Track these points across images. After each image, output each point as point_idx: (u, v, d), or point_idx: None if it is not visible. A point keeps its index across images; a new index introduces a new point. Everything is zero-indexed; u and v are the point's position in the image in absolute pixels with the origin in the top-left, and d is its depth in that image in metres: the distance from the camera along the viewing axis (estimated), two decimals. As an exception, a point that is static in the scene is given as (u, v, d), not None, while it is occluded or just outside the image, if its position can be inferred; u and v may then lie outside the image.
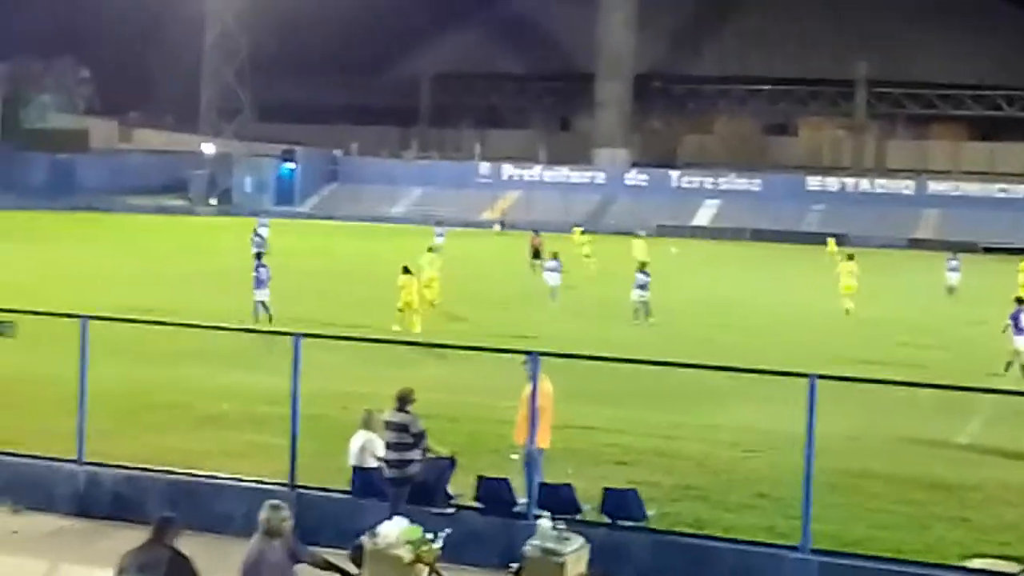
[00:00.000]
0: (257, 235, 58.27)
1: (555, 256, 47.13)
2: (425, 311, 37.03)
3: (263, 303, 35.88)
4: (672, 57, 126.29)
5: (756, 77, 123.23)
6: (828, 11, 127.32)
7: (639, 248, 60.25)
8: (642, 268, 41.20)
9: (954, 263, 53.34)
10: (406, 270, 36.50)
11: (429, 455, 15.43)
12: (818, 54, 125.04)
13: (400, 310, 35.30)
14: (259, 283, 36.45)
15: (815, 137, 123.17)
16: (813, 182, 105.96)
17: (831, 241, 75.33)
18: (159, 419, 21.50)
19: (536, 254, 58.57)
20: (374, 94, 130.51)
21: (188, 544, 11.15)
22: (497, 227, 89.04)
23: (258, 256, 38.60)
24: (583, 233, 65.67)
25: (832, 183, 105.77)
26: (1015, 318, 30.89)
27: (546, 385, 16.16)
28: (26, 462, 17.10)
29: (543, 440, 16.32)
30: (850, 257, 47.10)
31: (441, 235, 67.77)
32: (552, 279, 45.89)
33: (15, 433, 19.14)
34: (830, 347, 34.42)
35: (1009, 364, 30.54)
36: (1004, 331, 31.25)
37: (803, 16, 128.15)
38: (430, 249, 45.45)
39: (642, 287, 40.33)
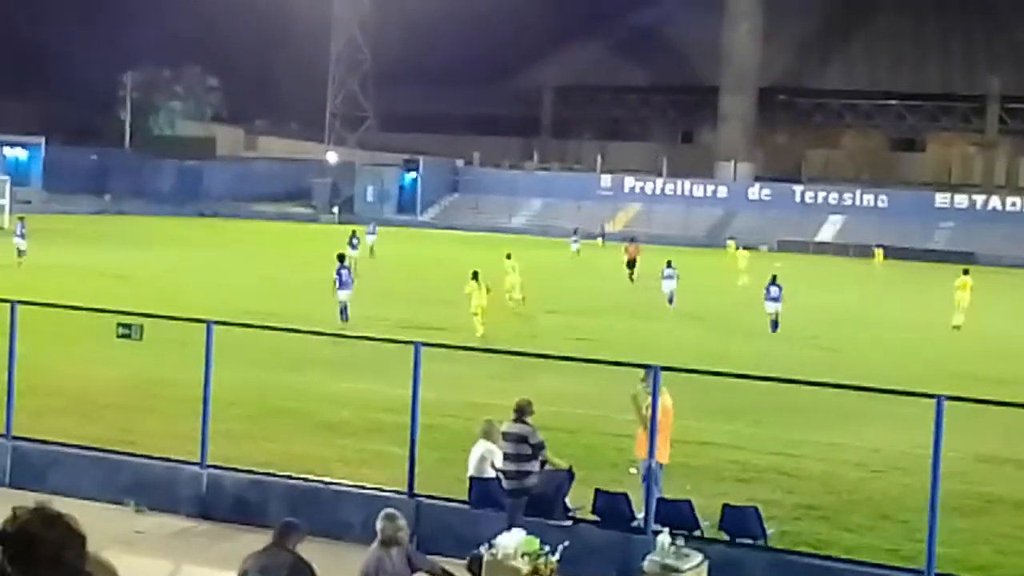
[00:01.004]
0: (354, 240, 57.75)
1: (669, 263, 47.19)
2: (511, 315, 38.04)
3: (345, 305, 36.49)
4: (798, 69, 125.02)
5: (884, 91, 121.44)
6: (960, 25, 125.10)
7: (742, 260, 60.83)
8: (774, 280, 40.87)
9: None
10: (474, 276, 37.01)
11: (547, 467, 15.36)
12: (948, 68, 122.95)
13: (474, 314, 35.97)
14: (342, 284, 37.10)
15: (944, 153, 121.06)
16: (941, 199, 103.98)
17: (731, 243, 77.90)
18: (280, 424, 21.72)
19: (631, 264, 58.75)
20: (496, 104, 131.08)
21: (308, 549, 11.21)
22: (600, 240, 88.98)
23: (340, 258, 38.87)
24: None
25: (961, 200, 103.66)
26: None
27: (666, 400, 16.01)
28: (150, 463, 17.36)
29: (662, 455, 16.17)
30: (965, 272, 47.19)
31: (576, 243, 70.48)
32: (668, 286, 46.41)
33: (140, 434, 19.49)
34: (956, 365, 33.77)
35: None
36: None
37: (934, 29, 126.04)
38: (509, 256, 46.21)
39: (774, 299, 40.27)
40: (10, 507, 3.87)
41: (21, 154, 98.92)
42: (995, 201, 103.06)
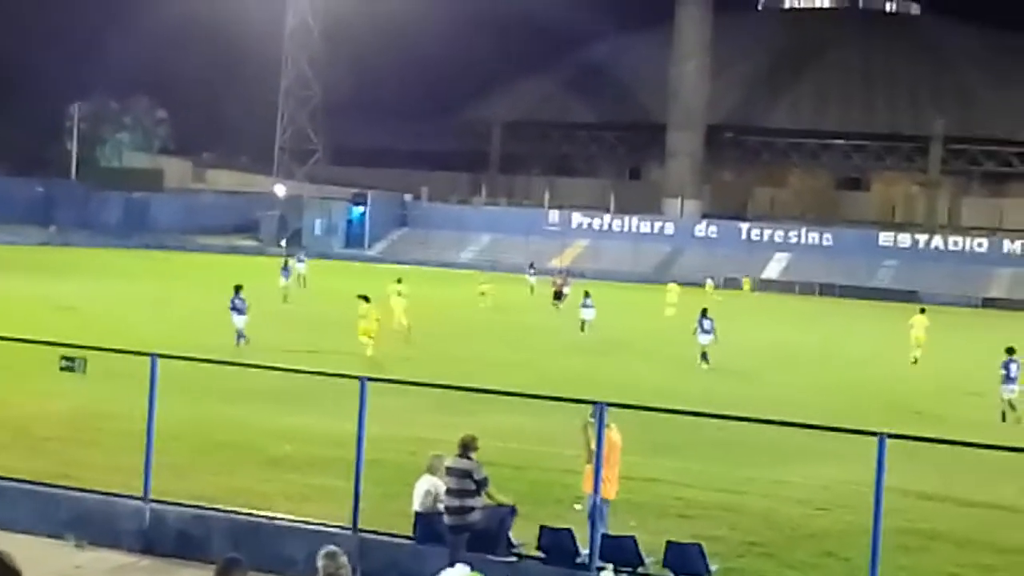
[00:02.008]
0: (286, 270, 60.65)
1: (587, 294, 51.94)
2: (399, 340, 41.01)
3: (241, 331, 38.42)
4: (745, 108, 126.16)
5: (830, 131, 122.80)
6: (905, 67, 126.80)
7: (673, 294, 63.03)
8: (705, 314, 41.60)
9: None
10: (365, 299, 39.05)
11: (488, 502, 15.33)
12: (893, 109, 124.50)
13: (363, 335, 38.11)
14: (236, 311, 39.12)
15: (888, 193, 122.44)
16: (885, 238, 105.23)
17: (708, 284, 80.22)
18: (224, 458, 21.57)
19: (557, 295, 61.95)
20: (445, 140, 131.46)
21: (250, 585, 11.11)
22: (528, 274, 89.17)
23: (236, 289, 39.94)
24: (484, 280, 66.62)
25: (904, 239, 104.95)
26: (1006, 367, 32.72)
27: (613, 435, 16.04)
28: (92, 497, 17.17)
29: (609, 491, 16.19)
30: (922, 310, 48.65)
31: (533, 275, 73.85)
32: (587, 314, 50.93)
33: (83, 468, 19.28)
34: (902, 402, 34.07)
35: (1004, 414, 32.14)
36: (1001, 381, 32.78)
37: (879, 70, 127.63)
38: (399, 280, 48.85)
39: (706, 332, 40.98)
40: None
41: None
42: (937, 240, 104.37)
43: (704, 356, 40.84)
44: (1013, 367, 32.75)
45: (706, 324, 41.26)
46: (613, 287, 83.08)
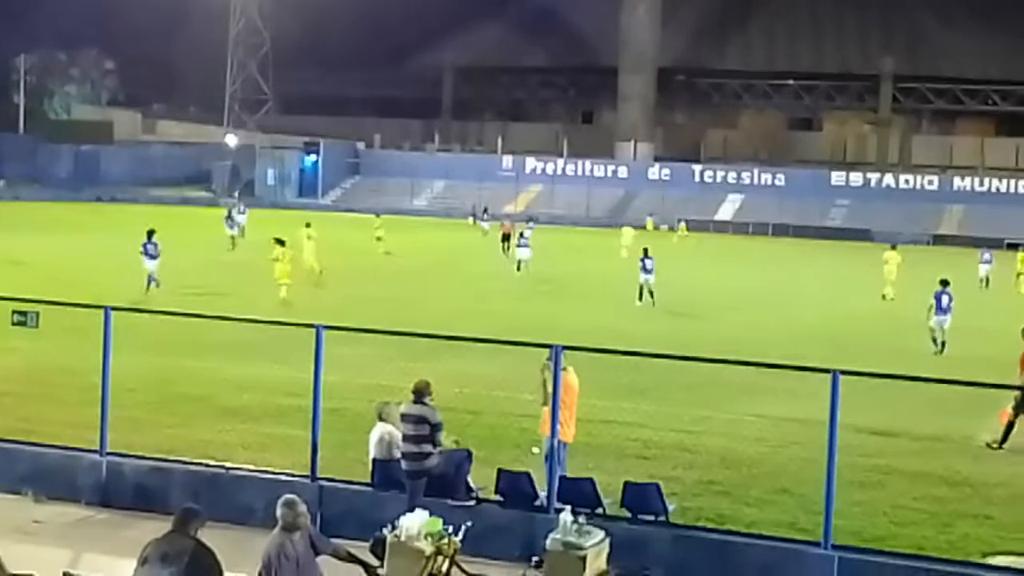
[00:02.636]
0: (230, 218, 61.63)
1: (522, 234, 55.41)
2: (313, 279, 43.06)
3: (152, 275, 39.49)
4: (696, 51, 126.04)
5: (781, 72, 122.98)
6: (854, 6, 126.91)
7: (627, 237, 64.05)
8: (646, 253, 43.09)
9: (987, 256, 57.19)
10: (280, 242, 40.49)
11: (441, 448, 15.40)
12: (843, 49, 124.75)
13: (278, 279, 39.19)
14: (148, 256, 40.00)
15: (839, 132, 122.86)
16: (837, 177, 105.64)
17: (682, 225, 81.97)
18: (181, 410, 21.54)
19: (505, 238, 63.20)
20: (397, 86, 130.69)
21: (210, 535, 11.14)
22: (471, 219, 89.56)
23: (149, 234, 40.52)
24: (378, 216, 67.35)
25: (856, 178, 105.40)
26: (937, 299, 33.76)
27: (570, 377, 16.13)
28: (49, 452, 17.14)
29: (567, 434, 16.28)
30: (893, 247, 51.34)
31: (487, 220, 74.47)
32: (522, 253, 53.87)
33: (38, 423, 19.22)
34: (861, 338, 34.43)
35: (936, 341, 33.42)
36: (928, 312, 33.91)
37: (828, 11, 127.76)
38: (308, 225, 48.91)
39: (648, 271, 42.48)
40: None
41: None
42: (889, 179, 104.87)
43: (648, 293, 42.31)
44: (944, 298, 33.75)
45: (648, 263, 42.61)
46: (568, 231, 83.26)
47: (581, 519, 13.52)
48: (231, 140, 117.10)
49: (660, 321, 37.72)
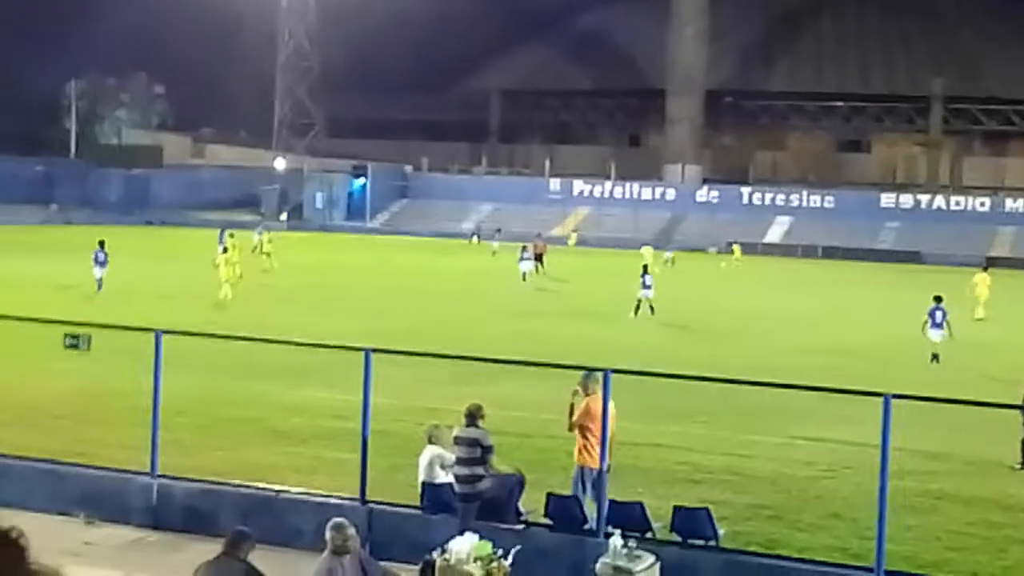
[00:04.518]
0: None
1: (524, 248, 60.24)
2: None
3: (100, 279, 45.40)
4: (744, 73, 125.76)
5: (830, 93, 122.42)
6: (904, 27, 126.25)
7: (647, 256, 64.11)
8: (646, 271, 45.72)
9: None
10: (224, 250, 47.10)
11: (492, 471, 15.35)
12: (893, 70, 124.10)
13: (226, 281, 43.61)
14: (99, 263, 46.00)
15: (889, 154, 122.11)
16: (887, 199, 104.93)
17: (736, 248, 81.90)
18: (231, 433, 21.62)
19: (538, 258, 63.84)
20: (444, 110, 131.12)
21: (259, 558, 11.17)
22: (475, 239, 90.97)
23: (101, 244, 46.44)
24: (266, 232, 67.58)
25: (906, 200, 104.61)
26: (931, 315, 35.62)
27: (594, 404, 15.83)
28: (100, 474, 17.24)
29: (592, 460, 15.93)
30: (984, 269, 51.93)
31: (496, 241, 73.16)
32: (525, 266, 58.73)
33: (91, 445, 19.35)
34: (912, 367, 34.09)
35: (934, 356, 34.77)
36: (923, 327, 35.67)
37: (879, 32, 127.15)
38: (231, 235, 54.48)
39: (647, 287, 44.88)
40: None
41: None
42: (940, 200, 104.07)
43: (649, 308, 44.43)
44: (938, 314, 35.57)
45: (647, 280, 45.06)
46: (615, 254, 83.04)
47: (631, 543, 13.46)
48: (280, 164, 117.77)
49: (706, 344, 37.52)
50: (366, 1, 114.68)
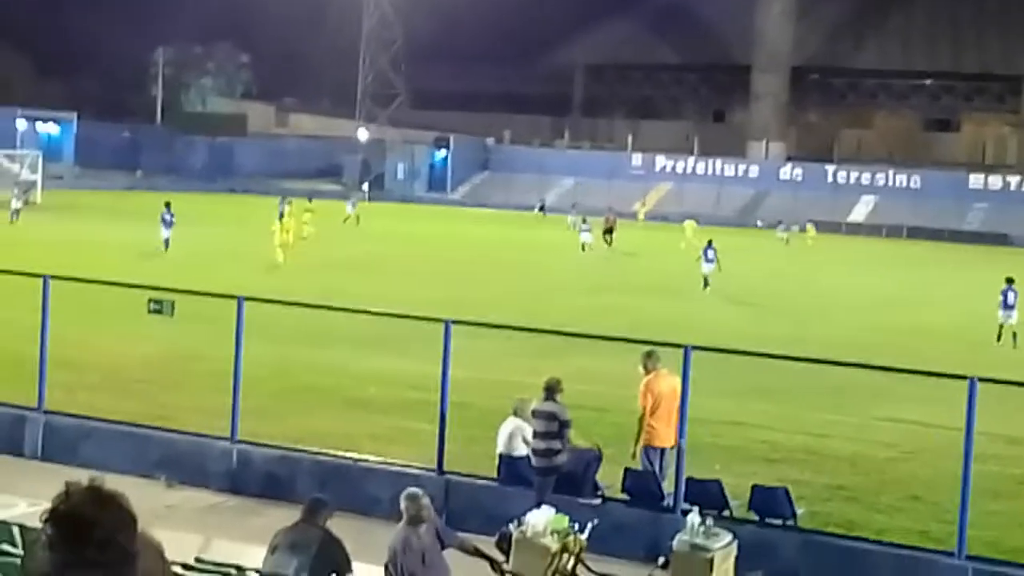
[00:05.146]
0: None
1: (584, 220, 62.40)
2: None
3: (167, 239, 48.44)
4: (831, 49, 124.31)
5: (918, 71, 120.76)
6: (995, 5, 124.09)
7: (689, 231, 66.44)
8: (710, 244, 46.52)
9: None
10: (280, 216, 51.02)
11: (569, 445, 15.33)
12: (984, 48, 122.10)
13: (278, 246, 46.73)
14: (165, 224, 48.83)
15: (978, 134, 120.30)
16: (975, 180, 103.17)
17: (810, 227, 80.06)
18: (309, 400, 21.77)
19: (609, 231, 64.92)
20: (528, 83, 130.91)
21: (336, 525, 11.23)
22: (536, 210, 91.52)
23: (167, 205, 49.50)
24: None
25: (995, 181, 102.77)
26: (1004, 295, 36.08)
27: (674, 381, 15.78)
28: (181, 438, 17.45)
29: (668, 438, 15.86)
30: None
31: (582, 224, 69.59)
32: (585, 237, 61.13)
33: (172, 409, 19.57)
34: (994, 348, 33.65)
35: (1000, 335, 35.60)
36: (998, 307, 36.20)
37: (969, 9, 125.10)
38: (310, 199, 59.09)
39: (710, 260, 45.86)
40: (44, 481, 3.86)
41: (53, 130, 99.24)
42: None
43: (706, 282, 45.19)
44: (1011, 295, 35.96)
45: (710, 253, 46.04)
46: (696, 230, 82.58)
47: (708, 521, 13.38)
48: (362, 134, 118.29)
49: (783, 323, 37.18)
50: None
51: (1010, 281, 36.40)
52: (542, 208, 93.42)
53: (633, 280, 48.12)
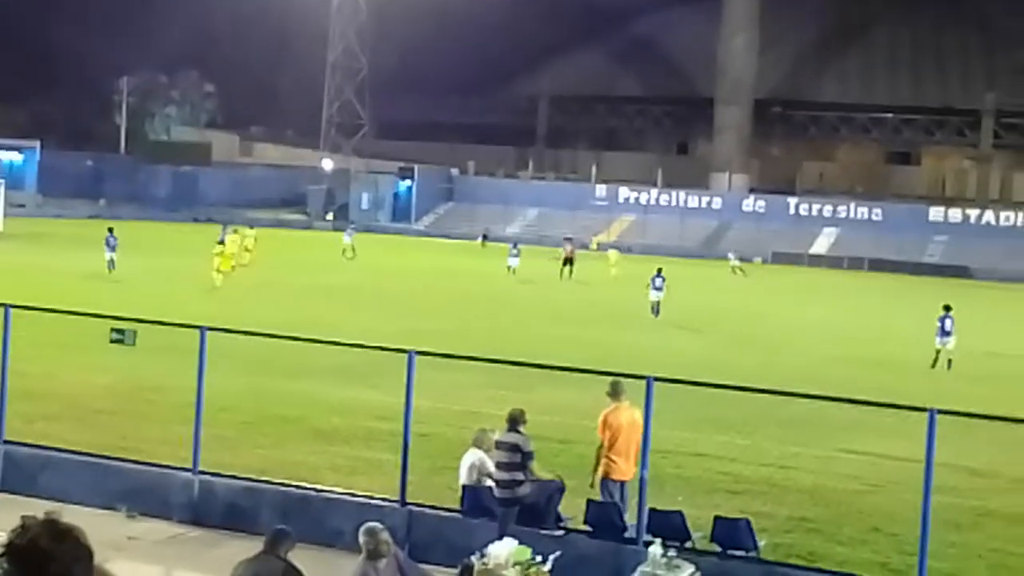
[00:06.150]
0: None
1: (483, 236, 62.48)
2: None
3: (112, 260, 50.47)
4: (793, 82, 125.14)
5: (880, 105, 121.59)
6: (956, 39, 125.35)
7: (613, 258, 67.53)
8: (659, 272, 47.40)
9: None
10: (221, 242, 51.72)
11: (532, 477, 15.34)
12: (944, 82, 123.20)
13: (215, 270, 48.22)
14: (109, 247, 50.76)
15: (939, 167, 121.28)
16: (936, 213, 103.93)
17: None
18: (272, 431, 21.70)
19: (568, 262, 63.84)
20: (492, 113, 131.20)
21: (298, 557, 11.21)
22: (480, 240, 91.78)
23: (110, 230, 51.60)
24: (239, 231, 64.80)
25: (955, 214, 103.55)
26: (941, 322, 37.91)
27: (636, 414, 15.76)
28: (143, 468, 17.35)
29: (627, 472, 15.86)
30: None
31: (515, 255, 68.40)
32: (513, 262, 63.85)
33: (135, 440, 19.47)
34: (956, 380, 33.85)
35: (935, 361, 37.25)
36: (935, 334, 37.85)
37: (930, 44, 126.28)
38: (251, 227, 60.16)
39: (658, 288, 46.83)
40: (1, 511, 3.85)
41: (16, 157, 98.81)
42: (989, 215, 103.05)
43: (655, 309, 46.20)
44: (947, 322, 37.80)
45: (657, 282, 47.09)
46: (660, 261, 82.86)
47: (671, 552, 13.41)
48: (327, 164, 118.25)
49: (744, 353, 37.32)
50: (417, 4, 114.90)
51: (947, 308, 38.34)
52: (485, 238, 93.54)
53: (589, 311, 48.19)
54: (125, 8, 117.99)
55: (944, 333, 37.81)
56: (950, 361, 36.96)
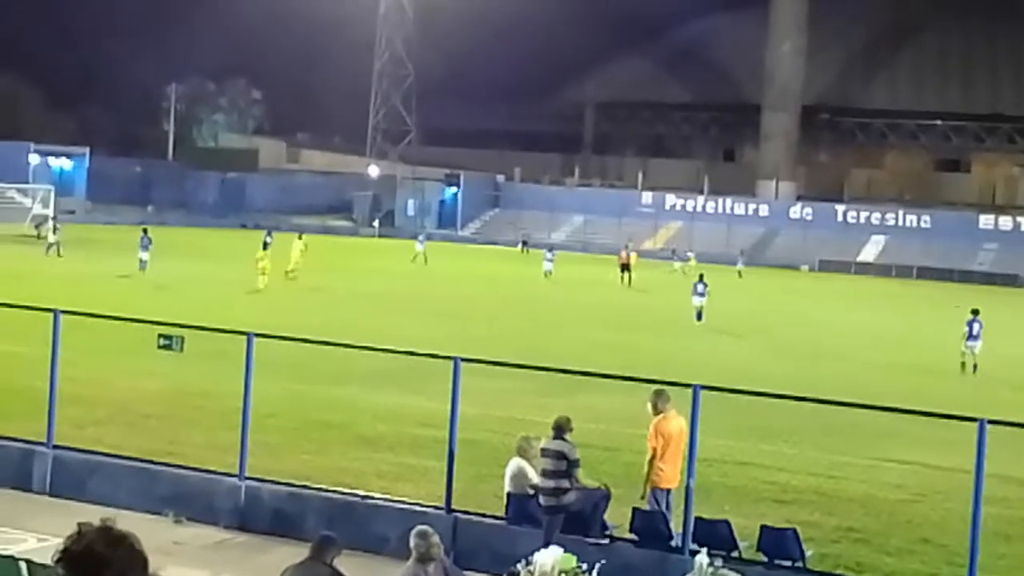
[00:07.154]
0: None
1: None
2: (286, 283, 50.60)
3: (143, 260, 52.09)
4: (842, 88, 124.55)
5: (929, 111, 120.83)
6: (1006, 46, 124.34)
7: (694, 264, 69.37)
8: (701, 279, 47.73)
9: None
10: (264, 246, 53.19)
11: (578, 485, 15.29)
12: (995, 89, 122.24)
13: (260, 273, 48.67)
14: (143, 247, 52.41)
15: (989, 174, 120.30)
16: (985, 220, 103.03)
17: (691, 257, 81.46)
18: (318, 437, 21.74)
19: (625, 267, 64.22)
20: (538, 120, 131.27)
21: (344, 563, 11.22)
22: (520, 246, 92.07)
23: (145, 231, 53.47)
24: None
25: (1005, 222, 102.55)
26: (969, 326, 38.05)
27: (682, 422, 15.71)
28: (189, 474, 17.42)
29: (672, 479, 15.80)
30: None
31: (550, 260, 68.46)
32: (548, 266, 65.18)
33: (182, 445, 19.57)
34: (1004, 388, 33.53)
35: (964, 364, 37.50)
36: (961, 339, 38.07)
37: (980, 50, 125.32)
38: (300, 236, 58.14)
39: (701, 294, 46.86)
40: (52, 516, 3.87)
41: (66, 164, 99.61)
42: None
43: (699, 315, 46.36)
44: (975, 326, 37.87)
45: (699, 287, 47.02)
46: (706, 269, 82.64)
47: (717, 562, 13.33)
48: (373, 170, 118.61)
49: (791, 361, 37.12)
50: (463, 11, 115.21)
51: (975, 312, 38.48)
52: (525, 244, 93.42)
53: (632, 316, 48.13)
54: (174, 16, 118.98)
55: (972, 337, 37.87)
56: (976, 365, 37.10)
